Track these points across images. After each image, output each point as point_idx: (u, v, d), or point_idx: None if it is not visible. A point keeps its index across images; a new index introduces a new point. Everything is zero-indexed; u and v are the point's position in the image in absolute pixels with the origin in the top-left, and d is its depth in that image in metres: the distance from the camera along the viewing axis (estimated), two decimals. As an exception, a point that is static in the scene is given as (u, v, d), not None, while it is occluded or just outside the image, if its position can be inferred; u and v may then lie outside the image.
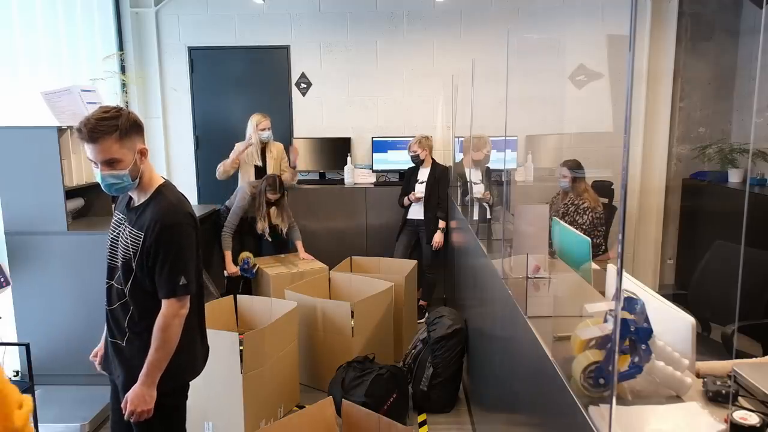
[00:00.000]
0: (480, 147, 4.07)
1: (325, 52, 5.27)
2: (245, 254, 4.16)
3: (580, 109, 4.96)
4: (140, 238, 1.83)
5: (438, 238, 4.44)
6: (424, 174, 4.55)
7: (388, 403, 2.98)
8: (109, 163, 1.77)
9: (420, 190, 4.51)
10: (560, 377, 1.33)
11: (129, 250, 1.85)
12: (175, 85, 5.35)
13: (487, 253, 2.71)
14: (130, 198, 1.94)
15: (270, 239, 4.28)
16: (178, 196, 1.93)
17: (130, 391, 1.84)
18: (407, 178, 4.64)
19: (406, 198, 4.56)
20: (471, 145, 4.04)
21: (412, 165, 4.64)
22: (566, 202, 3.60)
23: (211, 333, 2.89)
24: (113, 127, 1.74)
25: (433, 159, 4.60)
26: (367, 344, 3.41)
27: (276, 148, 4.61)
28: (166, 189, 1.91)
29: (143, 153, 1.84)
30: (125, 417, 1.84)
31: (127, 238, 1.86)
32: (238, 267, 4.13)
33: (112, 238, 1.93)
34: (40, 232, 3.38)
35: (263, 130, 4.46)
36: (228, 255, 4.11)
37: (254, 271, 4.17)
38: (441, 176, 4.55)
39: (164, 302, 1.84)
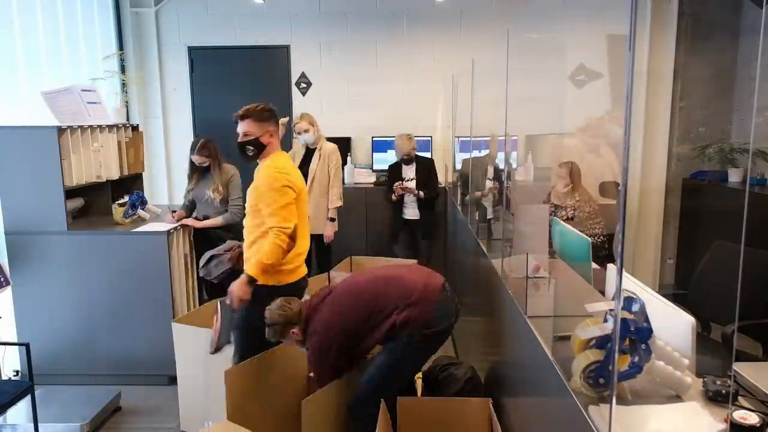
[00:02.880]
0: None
1: (325, 52, 5.26)
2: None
3: (580, 109, 4.96)
4: None
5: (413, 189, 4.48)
6: (410, 171, 4.55)
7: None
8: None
9: (412, 185, 4.51)
10: (560, 377, 1.33)
11: None
12: (175, 84, 5.35)
13: (487, 252, 2.71)
14: None
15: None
16: None
17: None
18: (392, 175, 4.62)
19: (394, 194, 4.53)
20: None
21: (395, 162, 4.65)
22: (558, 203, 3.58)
23: (210, 333, 2.91)
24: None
25: (416, 155, 4.62)
26: (367, 344, 3.41)
27: (326, 150, 4.15)
28: None
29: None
30: None
31: None
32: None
33: None
34: (40, 232, 3.38)
35: (299, 133, 4.10)
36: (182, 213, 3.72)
37: None
38: (429, 168, 4.59)
39: None
